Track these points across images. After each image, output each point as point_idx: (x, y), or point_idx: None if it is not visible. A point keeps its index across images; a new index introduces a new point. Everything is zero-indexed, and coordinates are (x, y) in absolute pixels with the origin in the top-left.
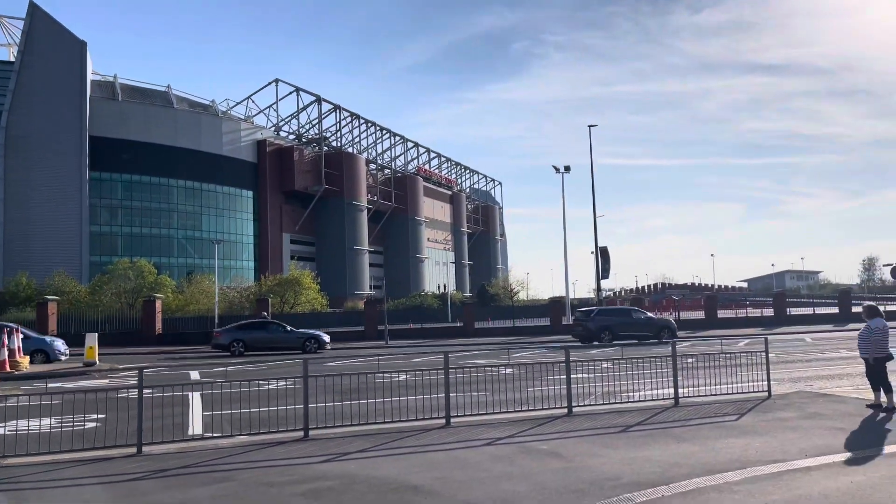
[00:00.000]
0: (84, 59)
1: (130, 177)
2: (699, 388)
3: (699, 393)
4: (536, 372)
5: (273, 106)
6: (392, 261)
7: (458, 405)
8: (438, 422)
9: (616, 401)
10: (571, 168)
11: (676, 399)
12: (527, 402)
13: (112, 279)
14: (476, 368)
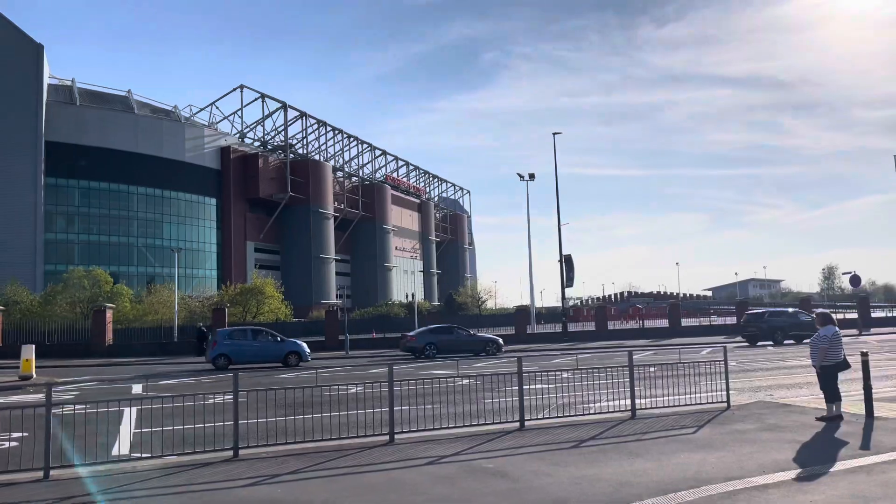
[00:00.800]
0: (41, 62)
1: (88, 183)
2: (658, 398)
3: (657, 404)
4: (494, 383)
5: (238, 112)
6: (359, 269)
7: (407, 419)
8: (382, 438)
9: (572, 413)
10: (538, 177)
11: (633, 411)
12: (480, 415)
13: (66, 288)
14: (430, 379)
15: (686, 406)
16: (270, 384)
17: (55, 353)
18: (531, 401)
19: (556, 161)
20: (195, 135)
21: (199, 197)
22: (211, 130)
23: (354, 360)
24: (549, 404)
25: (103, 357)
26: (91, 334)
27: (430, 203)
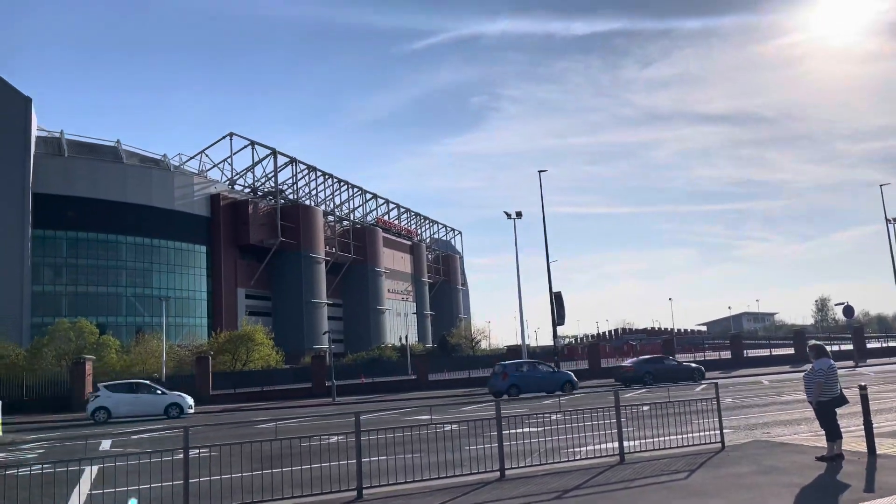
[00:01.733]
0: (28, 115)
1: (76, 234)
2: (649, 440)
3: (648, 446)
4: (478, 428)
5: (228, 160)
6: (352, 313)
7: (376, 471)
8: (349, 495)
9: (557, 459)
10: (528, 216)
11: (622, 455)
12: (459, 464)
13: (52, 341)
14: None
15: (678, 448)
16: (233, 437)
17: (35, 408)
18: (515, 446)
19: (543, 199)
20: (184, 183)
21: (189, 245)
22: (200, 178)
23: (338, 406)
24: (534, 449)
25: (82, 411)
26: (71, 388)
27: (421, 245)
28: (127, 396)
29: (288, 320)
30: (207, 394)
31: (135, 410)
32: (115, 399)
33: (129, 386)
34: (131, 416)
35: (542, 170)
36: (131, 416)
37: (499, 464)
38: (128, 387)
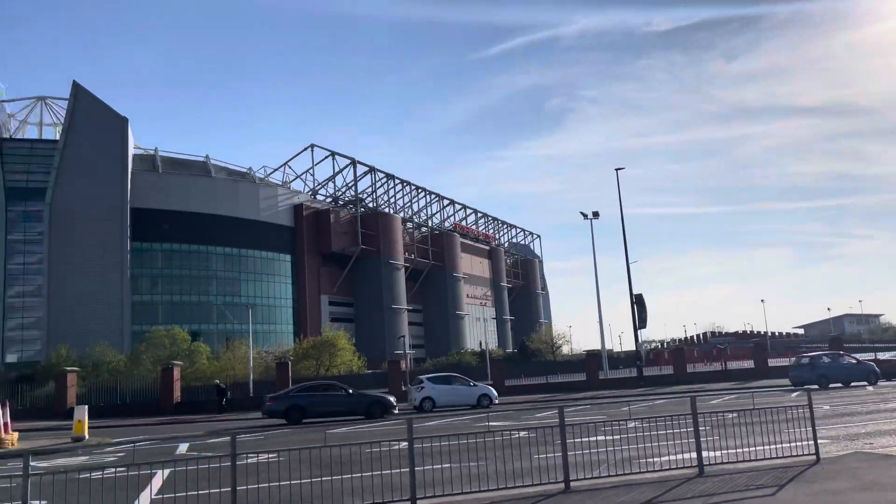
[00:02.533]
0: (125, 134)
1: (171, 246)
2: (734, 451)
3: (732, 458)
4: (547, 436)
5: (309, 171)
6: (431, 319)
7: (435, 481)
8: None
9: (629, 470)
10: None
11: (700, 467)
12: (522, 474)
13: (149, 347)
14: (472, 434)
15: (766, 460)
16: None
17: (128, 412)
18: (585, 456)
19: (621, 198)
20: (269, 194)
21: (275, 254)
22: (284, 189)
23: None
24: (605, 459)
25: (171, 415)
26: (160, 392)
27: (500, 249)
28: (446, 388)
29: (370, 326)
30: None
31: (453, 400)
32: (438, 390)
33: (445, 378)
34: (450, 406)
35: (619, 167)
36: (450, 405)
37: (563, 474)
38: (444, 379)
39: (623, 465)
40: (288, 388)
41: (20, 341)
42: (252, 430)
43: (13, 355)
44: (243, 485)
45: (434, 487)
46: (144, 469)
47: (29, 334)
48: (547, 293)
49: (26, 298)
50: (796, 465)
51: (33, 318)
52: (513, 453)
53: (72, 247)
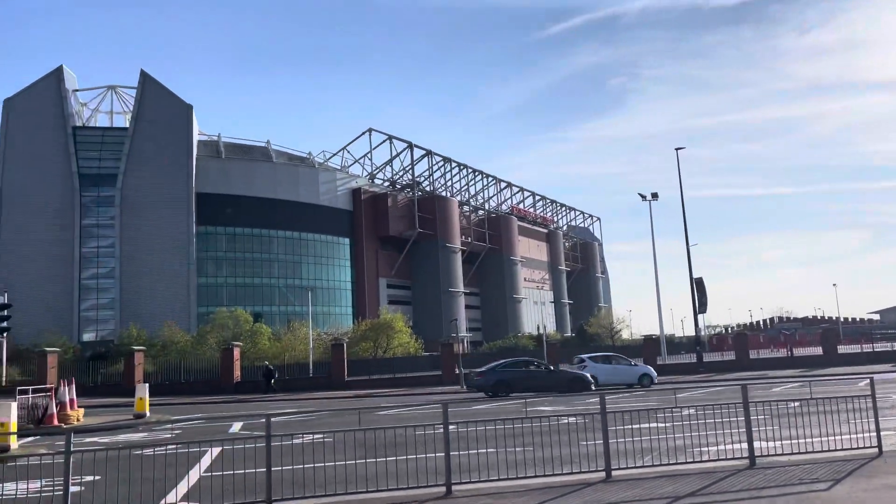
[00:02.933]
0: (190, 121)
1: (234, 229)
2: (790, 442)
3: (786, 449)
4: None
5: (367, 155)
6: (489, 302)
7: (474, 466)
8: (437, 490)
9: (677, 460)
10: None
11: (752, 458)
12: (562, 461)
13: (213, 328)
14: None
15: (824, 452)
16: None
17: (190, 390)
18: (632, 444)
19: (681, 179)
20: (328, 179)
21: (334, 237)
22: (343, 173)
23: (462, 394)
24: (652, 448)
25: (230, 394)
26: (221, 372)
27: (558, 232)
28: (606, 367)
29: (427, 309)
30: (342, 380)
31: (613, 379)
32: (599, 368)
33: (605, 357)
34: (610, 384)
35: (679, 147)
36: (610, 383)
37: (605, 462)
38: (604, 358)
39: (670, 454)
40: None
41: (95, 321)
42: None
43: (89, 334)
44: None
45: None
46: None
47: (103, 314)
48: (607, 277)
49: (100, 280)
50: (856, 458)
51: (107, 299)
52: (551, 440)
53: (141, 231)
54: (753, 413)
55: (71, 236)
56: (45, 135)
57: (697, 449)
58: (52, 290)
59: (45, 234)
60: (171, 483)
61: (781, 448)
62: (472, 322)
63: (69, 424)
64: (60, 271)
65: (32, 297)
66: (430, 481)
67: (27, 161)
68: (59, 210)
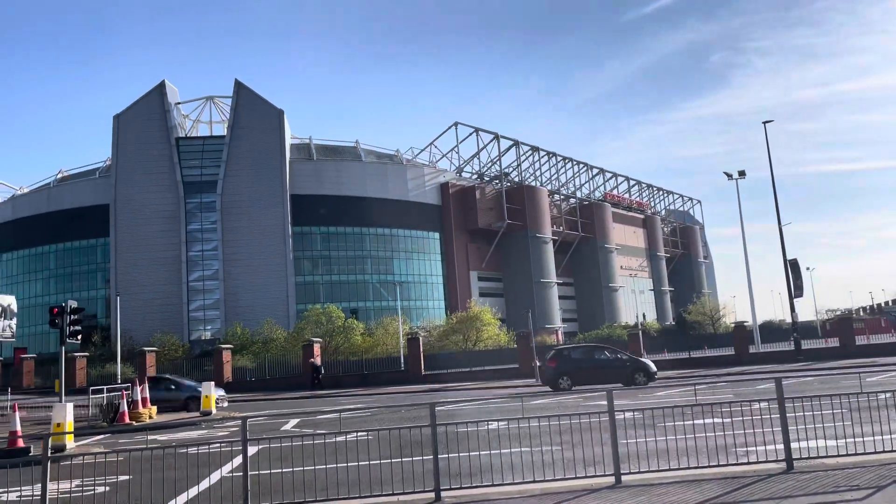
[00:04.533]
0: (282, 125)
1: (328, 228)
2: (843, 441)
3: (832, 451)
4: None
5: (455, 149)
6: (583, 292)
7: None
8: (426, 496)
9: (708, 462)
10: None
11: (789, 460)
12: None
13: (307, 325)
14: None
15: (874, 454)
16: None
17: (274, 386)
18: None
19: (770, 154)
20: (416, 175)
21: (424, 232)
22: (430, 169)
23: (529, 388)
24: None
25: (310, 389)
26: (302, 367)
27: (655, 218)
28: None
29: (519, 300)
30: (419, 373)
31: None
32: None
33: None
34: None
35: (767, 120)
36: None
37: (613, 467)
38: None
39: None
40: None
41: (202, 320)
42: (380, 407)
43: (197, 333)
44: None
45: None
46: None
47: (210, 314)
48: (711, 262)
49: (206, 282)
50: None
51: (212, 299)
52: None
53: (241, 233)
54: (811, 409)
55: (178, 241)
56: (152, 147)
57: (737, 449)
58: (164, 292)
59: (154, 240)
60: (193, 482)
61: (827, 450)
62: (567, 312)
63: (140, 422)
64: (170, 275)
65: (146, 299)
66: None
67: (137, 172)
68: (166, 217)
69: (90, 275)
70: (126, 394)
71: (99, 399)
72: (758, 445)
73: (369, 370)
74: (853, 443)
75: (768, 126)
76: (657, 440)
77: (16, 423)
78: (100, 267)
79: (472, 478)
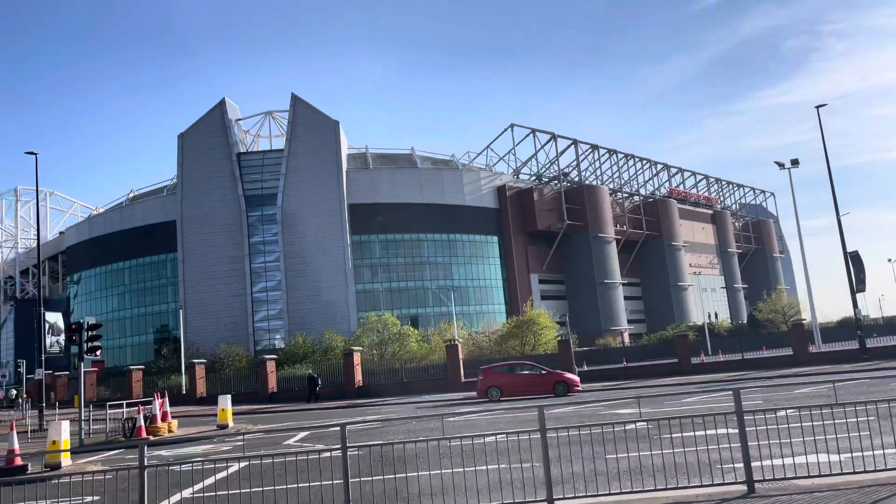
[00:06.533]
0: (338, 136)
1: (386, 236)
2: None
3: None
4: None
5: (511, 151)
6: (650, 292)
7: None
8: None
9: (656, 486)
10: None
11: (750, 483)
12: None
13: (364, 332)
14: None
15: (857, 474)
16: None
17: (315, 396)
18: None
19: (825, 142)
20: (472, 179)
21: (482, 237)
22: (487, 172)
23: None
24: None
25: (352, 398)
26: (344, 377)
27: (725, 213)
28: None
29: (582, 302)
30: (458, 381)
31: None
32: None
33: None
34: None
35: (820, 104)
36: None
37: (546, 492)
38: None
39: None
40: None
41: (267, 330)
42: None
43: (262, 343)
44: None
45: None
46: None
47: (274, 324)
48: (788, 256)
49: (269, 293)
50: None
51: (276, 309)
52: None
53: (302, 244)
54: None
55: (241, 254)
56: (214, 163)
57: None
58: (229, 304)
59: (219, 253)
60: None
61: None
62: (634, 314)
63: (157, 437)
64: (235, 287)
65: (213, 311)
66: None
67: (201, 188)
68: (230, 231)
69: (161, 289)
70: (144, 409)
71: (118, 413)
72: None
73: (411, 378)
74: (829, 462)
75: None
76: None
77: (13, 441)
78: (170, 281)
79: None
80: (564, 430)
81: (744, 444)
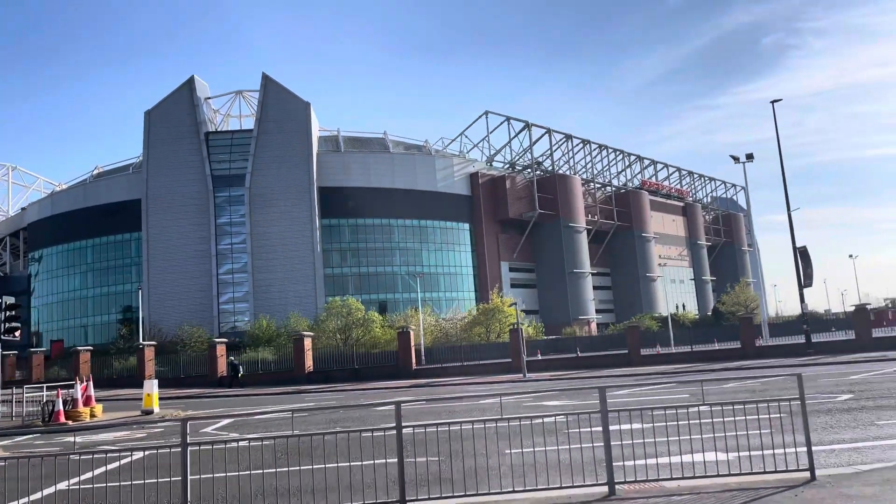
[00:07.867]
0: (309, 118)
1: (356, 221)
2: (668, 459)
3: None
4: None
5: (485, 139)
6: (620, 282)
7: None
8: None
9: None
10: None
11: (611, 484)
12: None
13: (328, 317)
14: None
15: (714, 478)
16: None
17: (266, 381)
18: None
19: (779, 137)
20: (445, 165)
21: (453, 223)
22: (460, 159)
23: (528, 382)
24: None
25: (302, 384)
26: (294, 362)
27: (696, 205)
28: None
29: (551, 291)
30: (409, 368)
31: None
32: None
33: None
34: None
35: (775, 100)
36: None
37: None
38: None
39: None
40: None
41: (232, 313)
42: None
43: (226, 326)
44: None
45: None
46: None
47: (240, 307)
48: (756, 250)
49: (235, 275)
50: (779, 485)
51: (242, 292)
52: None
53: (270, 226)
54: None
55: (207, 235)
56: (182, 142)
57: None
58: (194, 285)
59: (185, 234)
60: (24, 494)
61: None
62: (604, 304)
63: (77, 422)
64: (200, 268)
65: (177, 292)
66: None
67: (167, 167)
68: (196, 211)
69: (125, 269)
70: (64, 392)
71: (38, 397)
72: (585, 466)
73: (362, 364)
74: (703, 462)
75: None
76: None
77: None
78: (134, 261)
79: None
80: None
81: (607, 443)
